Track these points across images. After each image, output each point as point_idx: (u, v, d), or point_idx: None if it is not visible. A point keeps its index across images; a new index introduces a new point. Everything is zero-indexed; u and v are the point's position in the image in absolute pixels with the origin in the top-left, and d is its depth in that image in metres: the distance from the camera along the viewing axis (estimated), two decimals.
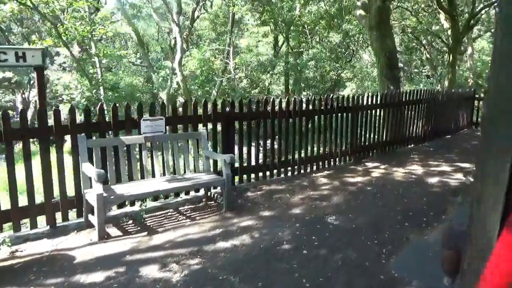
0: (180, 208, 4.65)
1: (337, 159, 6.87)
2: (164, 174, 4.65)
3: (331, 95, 6.94)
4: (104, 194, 3.71)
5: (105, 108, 4.86)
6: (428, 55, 20.24)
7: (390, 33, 8.38)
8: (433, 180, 5.80)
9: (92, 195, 3.77)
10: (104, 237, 3.79)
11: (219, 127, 5.31)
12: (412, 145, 8.62)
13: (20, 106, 18.85)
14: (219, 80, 17.35)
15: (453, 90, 10.66)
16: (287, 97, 9.53)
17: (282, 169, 6.05)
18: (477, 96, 11.71)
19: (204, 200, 4.89)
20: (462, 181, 5.72)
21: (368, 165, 6.87)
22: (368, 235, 3.82)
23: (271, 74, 18.53)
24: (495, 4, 14.62)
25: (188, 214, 4.48)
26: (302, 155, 6.29)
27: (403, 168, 6.64)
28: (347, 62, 23.44)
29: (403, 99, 8.07)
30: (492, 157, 0.77)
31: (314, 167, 6.50)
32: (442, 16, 19.76)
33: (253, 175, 5.73)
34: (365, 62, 29.73)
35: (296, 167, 6.21)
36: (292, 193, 5.21)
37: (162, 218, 4.36)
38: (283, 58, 20.90)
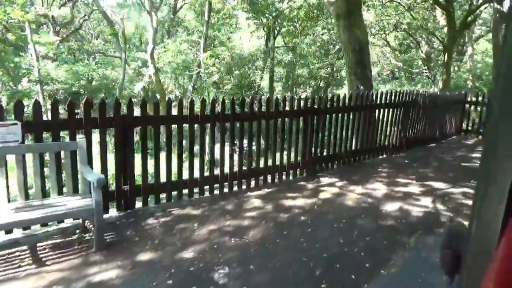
0: (39, 245, 3.47)
1: (284, 173, 5.68)
2: (27, 198, 3.48)
3: (284, 96, 5.73)
4: None
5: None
6: (423, 54, 18.91)
7: (361, 24, 7.14)
8: (392, 207, 4.60)
9: None
10: None
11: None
12: (385, 156, 7.42)
13: None
14: (195, 74, 16.12)
15: (439, 93, 9.43)
16: (241, 97, 7.50)
17: (207, 187, 4.87)
18: (468, 99, 10.48)
19: (78, 231, 3.72)
20: (428, 211, 4.52)
21: (323, 181, 5.68)
22: None
23: (253, 70, 17.30)
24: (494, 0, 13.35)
25: (42, 255, 3.30)
26: (236, 168, 5.10)
27: (363, 186, 5.44)
28: (339, 59, 22.17)
29: (376, 102, 6.85)
30: (496, 157, 0.76)
31: (253, 183, 5.32)
32: (438, 12, 18.50)
33: (163, 195, 4.55)
34: None
35: (226, 183, 5.03)
36: (204, 222, 4.03)
37: (1, 262, 3.19)
38: (268, 54, 19.70)
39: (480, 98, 10.13)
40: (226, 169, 5.00)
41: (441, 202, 4.80)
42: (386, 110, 7.18)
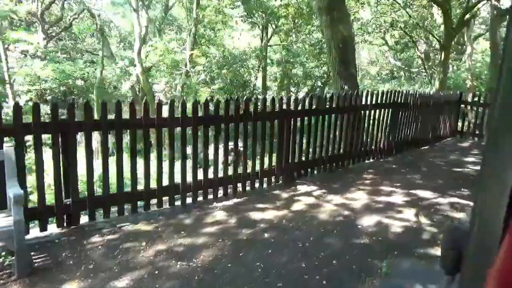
0: None
1: (257, 180, 5.21)
2: None
3: (255, 97, 5.27)
4: None
5: None
6: (419, 53, 18.42)
7: (346, 18, 6.65)
8: (369, 221, 4.13)
9: None
10: None
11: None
12: (372, 160, 6.94)
13: None
14: (182, 73, 15.65)
15: (432, 93, 8.95)
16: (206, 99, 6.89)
17: (166, 198, 4.41)
18: (464, 100, 9.99)
19: (3, 254, 3.25)
20: (409, 226, 4.05)
21: (300, 189, 5.22)
22: None
23: (246, 68, 16.81)
24: None
25: None
26: (201, 176, 4.63)
27: (342, 195, 4.97)
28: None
29: (361, 103, 6.38)
30: (498, 156, 0.76)
31: (221, 193, 4.85)
32: (435, 9, 18.02)
33: (115, 208, 4.08)
34: (364, 59, 28.09)
35: (190, 193, 4.56)
36: (154, 240, 3.57)
37: None
38: (261, 52, 19.22)
39: (476, 99, 9.65)
40: (190, 178, 4.53)
41: (425, 215, 4.33)
42: (373, 111, 6.71)
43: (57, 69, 16.38)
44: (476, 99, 9.64)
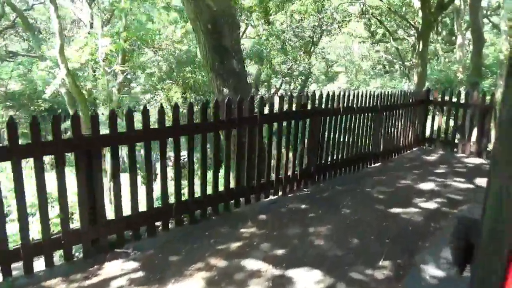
0: None
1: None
2: None
3: None
4: None
5: None
6: (393, 43, 16.10)
7: None
8: None
9: None
10: None
11: None
12: (277, 196, 4.72)
13: None
14: (118, 75, 13.42)
15: (382, 92, 6.66)
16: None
17: None
18: (432, 99, 7.72)
19: None
20: None
21: (99, 276, 3.00)
22: None
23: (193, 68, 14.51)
24: None
25: None
26: None
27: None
28: (306, 53, 19.37)
29: (249, 115, 4.15)
30: None
31: None
32: None
33: None
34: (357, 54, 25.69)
35: None
36: None
37: None
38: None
39: (447, 97, 7.40)
40: None
41: None
42: (275, 125, 4.49)
43: None
44: (447, 97, 7.39)
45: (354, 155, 5.88)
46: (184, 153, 4.30)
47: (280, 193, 4.75)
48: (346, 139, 5.67)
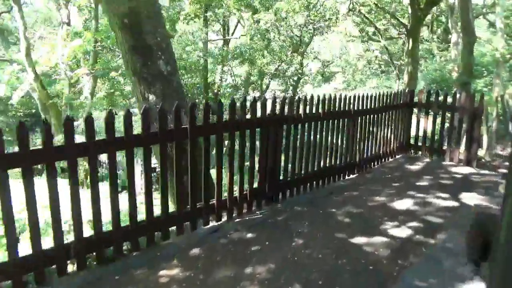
0: None
1: None
2: None
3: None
4: None
5: None
6: (383, 41, 15.34)
7: None
8: None
9: None
10: None
11: None
12: (218, 223, 3.93)
13: None
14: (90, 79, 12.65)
15: (359, 95, 5.89)
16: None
17: None
18: (416, 101, 6.94)
19: None
20: None
21: None
22: None
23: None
24: None
25: None
26: None
27: None
28: (297, 53, 18.56)
29: (189, 126, 3.38)
30: None
31: None
32: None
33: None
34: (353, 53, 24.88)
35: None
36: None
37: None
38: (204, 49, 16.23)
39: (433, 98, 6.63)
40: None
41: None
42: (213, 138, 3.71)
43: None
44: (432, 98, 6.62)
45: (322, 167, 5.11)
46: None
47: (225, 218, 3.97)
48: (312, 150, 4.90)
